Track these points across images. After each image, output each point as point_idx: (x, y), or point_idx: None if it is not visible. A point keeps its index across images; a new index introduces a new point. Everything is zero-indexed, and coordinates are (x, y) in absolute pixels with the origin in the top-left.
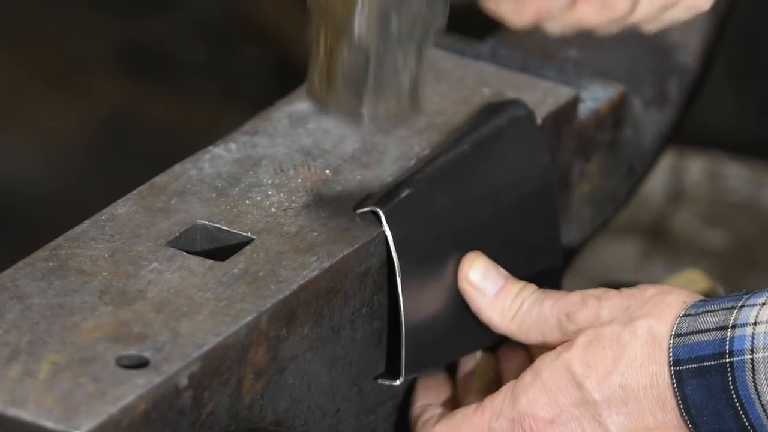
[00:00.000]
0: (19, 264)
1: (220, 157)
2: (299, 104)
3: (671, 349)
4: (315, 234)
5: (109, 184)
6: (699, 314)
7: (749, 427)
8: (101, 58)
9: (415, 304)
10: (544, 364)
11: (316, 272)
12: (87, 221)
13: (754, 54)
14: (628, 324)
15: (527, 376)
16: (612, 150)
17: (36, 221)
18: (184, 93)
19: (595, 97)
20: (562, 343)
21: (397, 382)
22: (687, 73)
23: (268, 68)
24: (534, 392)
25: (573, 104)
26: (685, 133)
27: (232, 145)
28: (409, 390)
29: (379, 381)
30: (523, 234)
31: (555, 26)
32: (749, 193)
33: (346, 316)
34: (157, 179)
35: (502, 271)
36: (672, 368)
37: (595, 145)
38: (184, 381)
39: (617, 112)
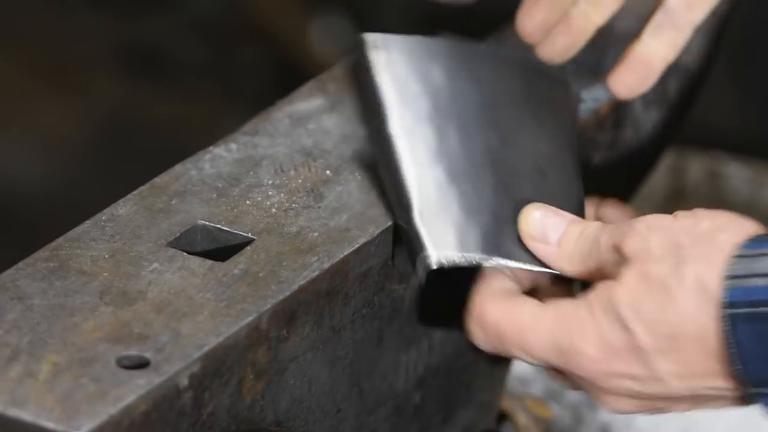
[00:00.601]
0: (20, 264)
1: (220, 157)
2: (299, 104)
3: (725, 291)
4: (315, 234)
5: (109, 184)
6: (756, 256)
7: None
8: (101, 58)
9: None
10: (595, 301)
11: (316, 273)
12: (87, 221)
13: (754, 54)
14: (676, 266)
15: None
16: (612, 150)
17: (36, 221)
18: (184, 93)
19: (595, 97)
20: (615, 272)
21: (433, 263)
22: (687, 73)
23: (268, 68)
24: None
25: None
26: (685, 133)
27: (233, 146)
28: (411, 390)
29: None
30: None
31: None
32: (749, 193)
33: (347, 317)
34: (157, 179)
35: (563, 214)
36: (726, 311)
37: (596, 145)
38: (184, 381)
39: (618, 112)
